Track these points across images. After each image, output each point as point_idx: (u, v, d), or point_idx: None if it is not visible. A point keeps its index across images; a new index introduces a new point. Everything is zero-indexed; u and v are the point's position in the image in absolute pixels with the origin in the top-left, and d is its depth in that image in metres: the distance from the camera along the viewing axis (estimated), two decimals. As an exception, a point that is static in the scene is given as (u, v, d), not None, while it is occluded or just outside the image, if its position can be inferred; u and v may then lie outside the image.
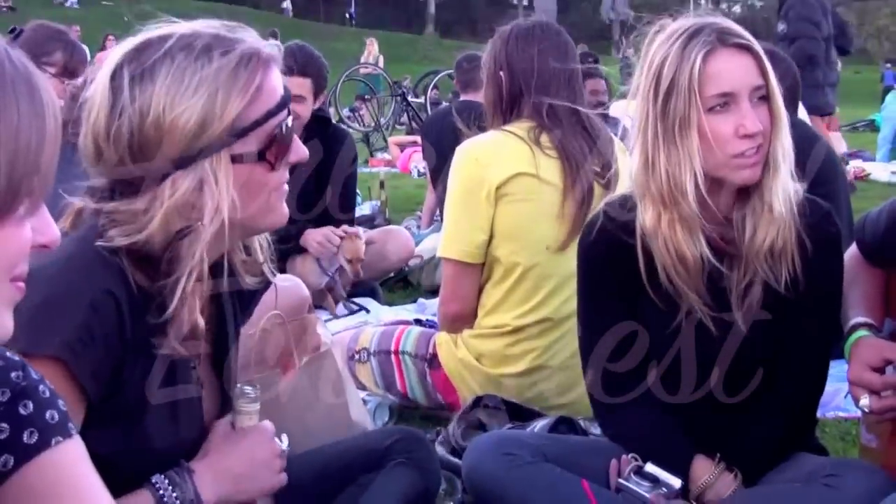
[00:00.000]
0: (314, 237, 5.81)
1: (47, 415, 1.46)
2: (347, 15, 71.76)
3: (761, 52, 2.67)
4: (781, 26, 10.54)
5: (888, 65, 45.24)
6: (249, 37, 2.08)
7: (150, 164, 1.97)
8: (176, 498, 2.06)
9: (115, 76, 2.00)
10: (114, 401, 1.98)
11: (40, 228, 1.30)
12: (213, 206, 1.97)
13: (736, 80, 2.65)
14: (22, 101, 1.23)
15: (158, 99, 1.96)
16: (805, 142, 4.81)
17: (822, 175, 4.81)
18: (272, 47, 2.11)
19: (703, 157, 2.65)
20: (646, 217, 2.75)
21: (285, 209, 2.15)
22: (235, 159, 2.01)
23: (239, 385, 2.28)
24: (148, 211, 1.97)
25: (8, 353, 1.47)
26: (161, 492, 2.06)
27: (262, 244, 2.30)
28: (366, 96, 19.77)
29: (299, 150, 2.12)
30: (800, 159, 2.77)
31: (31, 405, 1.45)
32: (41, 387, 1.48)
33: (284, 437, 2.31)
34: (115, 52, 2.05)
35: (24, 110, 1.23)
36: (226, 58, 2.00)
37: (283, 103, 2.07)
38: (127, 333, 1.96)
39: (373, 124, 18.85)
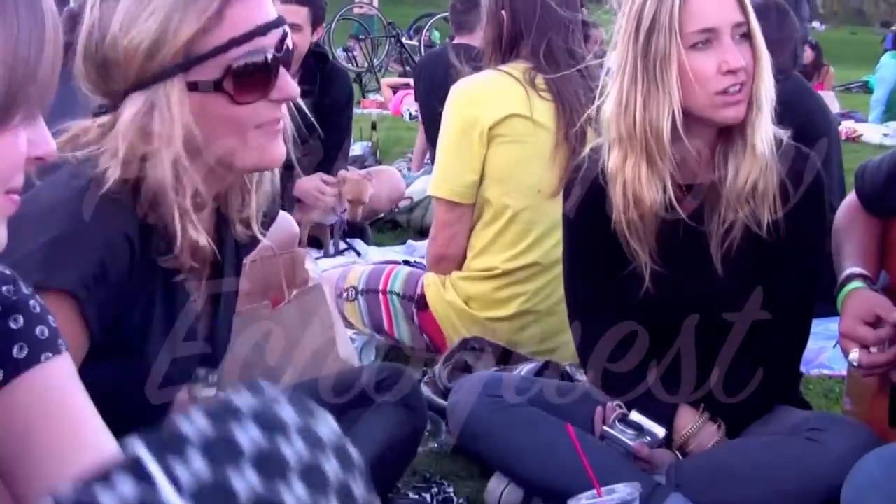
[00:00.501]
0: (309, 188, 5.72)
1: (37, 330, 1.44)
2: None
3: None
4: None
5: (894, 27, 45.28)
6: None
7: (114, 84, 1.96)
8: None
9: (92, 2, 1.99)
10: (114, 336, 1.96)
11: (37, 141, 1.28)
12: (164, 131, 1.93)
13: (717, 15, 2.64)
14: (21, 8, 1.22)
15: (117, 19, 1.93)
16: (799, 94, 4.82)
17: (813, 127, 4.81)
18: None
19: (683, 97, 2.64)
20: (609, 160, 2.75)
21: (275, 149, 2.04)
22: (190, 87, 1.94)
23: (198, 369, 2.24)
24: (111, 133, 1.95)
25: None
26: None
27: (258, 202, 2.24)
28: (360, 36, 19.63)
29: (286, 87, 2.00)
30: (794, 110, 2.76)
31: (21, 320, 1.43)
32: (32, 301, 1.46)
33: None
34: None
35: (22, 17, 1.21)
36: None
37: (257, 33, 1.95)
38: (135, 271, 1.95)
39: (366, 65, 18.73)
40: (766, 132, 2.68)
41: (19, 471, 1.39)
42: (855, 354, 2.58)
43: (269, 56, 1.96)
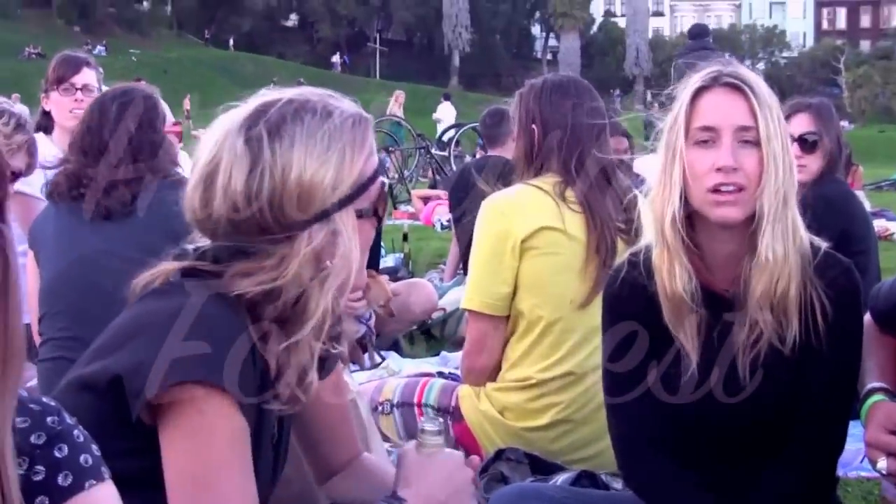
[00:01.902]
0: None
1: (81, 458, 1.48)
2: (336, 59, 72.29)
3: (754, 96, 2.68)
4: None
5: None
6: (345, 99, 2.19)
7: (290, 219, 2.04)
8: None
9: (249, 137, 2.06)
10: None
11: None
12: (344, 251, 2.06)
13: (719, 115, 2.69)
14: None
15: (300, 156, 2.04)
16: (841, 197, 4.85)
17: (858, 231, 4.84)
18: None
19: (687, 192, 2.70)
20: (654, 253, 2.80)
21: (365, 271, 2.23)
22: (357, 214, 2.11)
23: (421, 421, 2.36)
24: (283, 262, 2.02)
25: (44, 399, 1.50)
26: None
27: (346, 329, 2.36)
28: (390, 147, 19.83)
29: (384, 207, 2.22)
30: (839, 212, 2.77)
31: (66, 448, 1.48)
32: (76, 431, 1.51)
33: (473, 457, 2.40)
34: (233, 115, 2.12)
35: None
36: (343, 119, 2.11)
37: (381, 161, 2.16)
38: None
39: (396, 176, 18.89)
40: (782, 240, 2.69)
41: None
42: (883, 463, 2.58)
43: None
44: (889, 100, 76.96)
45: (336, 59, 60.06)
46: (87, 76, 5.44)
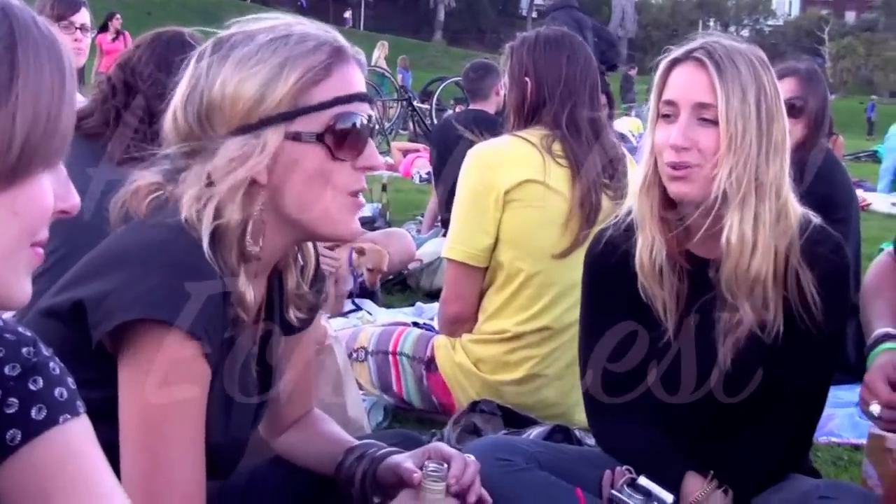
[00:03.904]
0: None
1: (56, 392, 1.45)
2: (348, 15, 71.90)
3: (717, 73, 2.64)
4: None
5: (873, 97, 47.01)
6: (331, 31, 2.11)
7: (212, 131, 2.02)
8: None
9: (201, 57, 2.06)
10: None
11: (61, 194, 1.32)
12: (250, 175, 2.00)
13: (679, 91, 2.68)
14: (46, 65, 1.26)
15: (230, 69, 2.01)
16: (825, 164, 4.85)
17: (840, 198, 4.84)
18: (354, 49, 2.13)
19: (654, 163, 2.71)
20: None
21: (355, 223, 2.13)
22: (293, 136, 2.02)
23: (426, 463, 2.27)
24: (209, 178, 2.01)
25: (20, 328, 1.47)
26: None
27: (308, 287, 2.33)
28: (372, 98, 19.74)
29: (372, 157, 2.11)
30: (824, 179, 2.75)
31: (40, 381, 1.44)
32: (51, 363, 1.48)
33: None
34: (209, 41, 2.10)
35: (47, 74, 1.26)
36: (303, 42, 2.04)
37: (358, 98, 2.07)
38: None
39: (377, 127, 18.83)
40: (747, 224, 2.65)
41: None
42: (875, 407, 2.58)
43: (365, 121, 2.08)
44: (871, 72, 77.11)
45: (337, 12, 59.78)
46: (85, 16, 5.39)
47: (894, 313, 2.83)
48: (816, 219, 2.78)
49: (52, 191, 1.31)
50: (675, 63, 2.71)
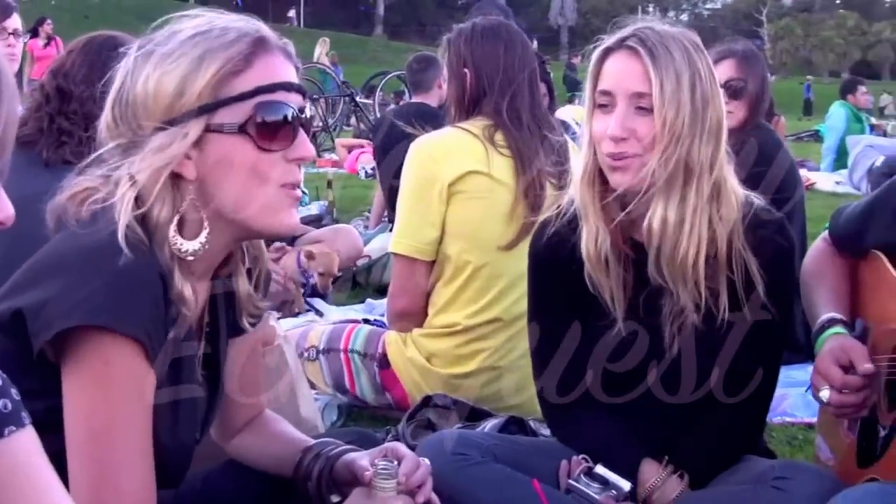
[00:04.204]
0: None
1: (0, 404, 1.43)
2: (292, 14, 71.79)
3: (651, 61, 2.62)
4: None
5: (809, 77, 47.82)
6: (255, 23, 2.09)
7: (139, 127, 2.00)
8: None
9: (128, 57, 2.05)
10: None
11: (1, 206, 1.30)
12: (173, 169, 1.98)
13: (614, 81, 2.67)
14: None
15: (151, 65, 1.99)
16: (769, 147, 4.87)
17: (784, 182, 4.86)
18: (282, 40, 2.10)
19: (593, 153, 2.70)
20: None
21: (291, 216, 2.08)
22: (216, 128, 1.99)
23: (377, 461, 2.25)
24: (138, 172, 1.98)
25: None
26: None
27: (259, 290, 2.31)
28: (314, 96, 19.70)
29: (303, 148, 2.06)
30: (763, 164, 2.76)
31: None
32: None
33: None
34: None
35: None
36: (223, 34, 2.01)
37: (283, 88, 2.03)
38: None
39: (321, 124, 18.78)
40: (672, 210, 2.65)
41: None
42: (826, 392, 2.61)
43: (292, 112, 2.03)
44: (810, 52, 77.82)
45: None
46: (16, 21, 5.31)
47: (836, 298, 2.87)
48: (759, 200, 2.79)
49: None
50: (608, 52, 2.70)
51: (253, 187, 2.02)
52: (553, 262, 2.88)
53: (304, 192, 6.69)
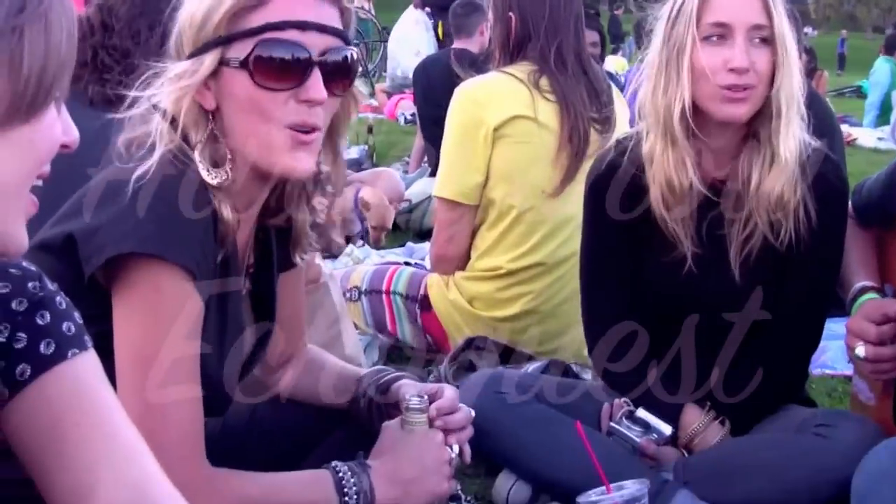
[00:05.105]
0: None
1: (64, 326, 1.45)
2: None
3: None
4: None
5: (843, 32, 47.09)
6: None
7: (179, 56, 2.03)
8: (353, 485, 2.12)
9: None
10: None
11: (64, 128, 1.31)
12: (179, 95, 1.99)
13: (733, 12, 2.66)
14: (59, 5, 1.25)
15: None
16: (806, 99, 4.82)
17: (818, 130, 4.82)
18: None
19: (693, 87, 2.68)
20: (646, 144, 2.78)
21: (298, 160, 2.02)
22: (224, 61, 1.99)
23: (407, 396, 2.28)
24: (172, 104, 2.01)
25: (24, 263, 1.47)
26: (341, 475, 2.12)
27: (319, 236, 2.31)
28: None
29: (312, 89, 1.99)
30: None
31: (48, 316, 1.44)
32: (58, 298, 1.47)
33: (455, 447, 2.31)
34: None
35: (56, 6, 1.25)
36: None
37: (293, 25, 1.98)
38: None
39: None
40: (791, 142, 2.69)
41: (47, 465, 1.40)
42: (861, 349, 2.62)
43: (302, 53, 1.99)
44: (854, 7, 76.93)
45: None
46: None
47: (865, 267, 2.89)
48: (815, 142, 2.79)
49: (59, 123, 1.30)
50: None
51: (255, 125, 2.01)
52: (613, 195, 2.87)
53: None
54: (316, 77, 2.00)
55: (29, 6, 1.22)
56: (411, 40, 14.58)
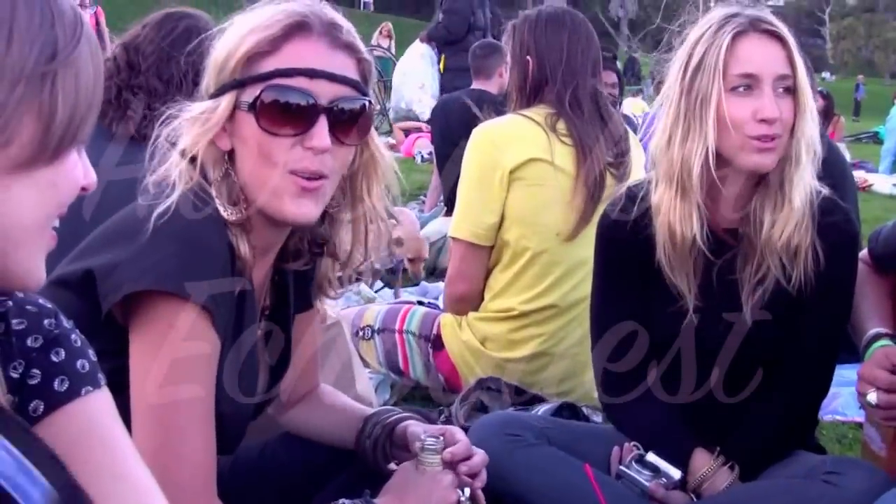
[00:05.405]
0: None
1: (78, 364, 1.46)
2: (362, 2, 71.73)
3: (792, 44, 2.69)
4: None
5: (860, 77, 46.97)
6: (315, 12, 2.07)
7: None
8: None
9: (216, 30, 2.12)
10: None
11: (84, 171, 1.33)
12: (197, 134, 2.02)
13: (761, 63, 2.68)
14: (83, 40, 1.28)
15: (218, 38, 2.07)
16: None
17: (831, 177, 4.83)
18: (334, 27, 2.07)
19: (717, 137, 2.69)
20: (655, 195, 2.79)
21: (300, 206, 2.03)
22: (237, 104, 2.02)
23: (422, 436, 2.29)
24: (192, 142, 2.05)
25: (40, 300, 1.48)
26: None
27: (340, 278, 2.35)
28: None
29: (319, 136, 2.00)
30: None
31: (62, 353, 1.45)
32: (73, 335, 1.49)
33: (467, 490, 2.30)
34: None
35: (85, 48, 1.28)
36: (272, 14, 2.04)
37: (303, 72, 2.00)
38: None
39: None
40: (804, 187, 2.71)
41: None
42: (873, 395, 2.61)
43: (308, 100, 2.00)
44: (872, 53, 76.94)
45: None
46: None
47: (879, 313, 2.89)
48: (825, 189, 2.80)
49: (80, 166, 1.32)
50: (738, 35, 2.70)
51: (260, 167, 2.03)
52: (624, 241, 2.88)
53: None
54: (321, 125, 2.01)
55: (61, 54, 1.24)
56: (416, 73, 14.72)
